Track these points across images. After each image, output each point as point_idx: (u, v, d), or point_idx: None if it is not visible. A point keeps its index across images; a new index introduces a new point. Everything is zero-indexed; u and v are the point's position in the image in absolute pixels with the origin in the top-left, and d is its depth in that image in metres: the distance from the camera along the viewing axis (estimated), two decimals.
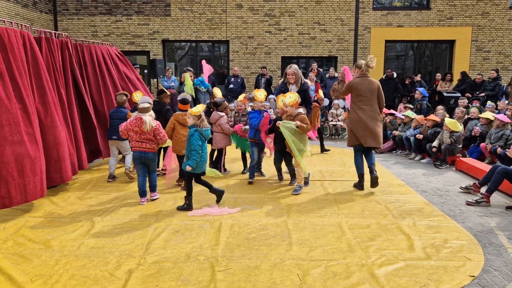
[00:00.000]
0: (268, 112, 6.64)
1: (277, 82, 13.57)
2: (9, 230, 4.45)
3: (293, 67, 6.47)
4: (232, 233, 4.37)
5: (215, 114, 6.81)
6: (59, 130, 5.63)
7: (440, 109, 9.10)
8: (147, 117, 5.30)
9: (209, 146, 6.23)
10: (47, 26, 14.49)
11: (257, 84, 13.40)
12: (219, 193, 5.35)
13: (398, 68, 15.75)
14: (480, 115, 8.44)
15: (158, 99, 6.82)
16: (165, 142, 5.50)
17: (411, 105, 10.98)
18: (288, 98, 5.81)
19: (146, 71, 14.36)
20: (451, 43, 15.14)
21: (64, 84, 6.38)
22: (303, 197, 5.65)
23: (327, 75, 13.44)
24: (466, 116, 8.92)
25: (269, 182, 6.44)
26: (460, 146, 7.88)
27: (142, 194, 5.39)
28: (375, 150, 8.26)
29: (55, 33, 6.41)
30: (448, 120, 7.84)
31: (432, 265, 3.66)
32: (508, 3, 14.64)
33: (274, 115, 6.50)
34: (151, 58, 14.46)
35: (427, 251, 3.93)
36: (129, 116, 6.81)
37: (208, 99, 12.05)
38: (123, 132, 5.43)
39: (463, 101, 10.00)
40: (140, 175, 5.41)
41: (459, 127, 7.77)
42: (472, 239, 4.26)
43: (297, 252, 3.90)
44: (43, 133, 5.36)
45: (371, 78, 6.03)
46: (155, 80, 13.74)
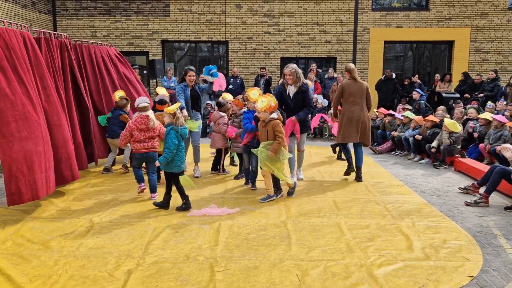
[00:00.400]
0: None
1: (276, 83, 13.59)
2: (8, 231, 4.45)
3: (291, 66, 6.04)
4: (231, 233, 4.37)
5: (216, 113, 6.83)
6: (66, 128, 5.70)
7: (440, 109, 9.12)
8: (151, 114, 5.51)
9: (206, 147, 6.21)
10: (46, 27, 14.49)
11: (256, 85, 13.41)
12: (187, 204, 5.13)
13: (397, 69, 15.77)
14: (479, 116, 8.45)
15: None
16: None
17: (409, 105, 11.00)
18: (260, 103, 5.25)
19: (145, 71, 14.36)
20: (450, 44, 15.16)
21: (64, 85, 6.38)
22: (302, 198, 5.66)
23: (326, 76, 13.46)
24: (465, 117, 8.94)
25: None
26: (459, 146, 7.89)
27: (141, 179, 5.70)
28: (374, 151, 8.28)
29: (54, 34, 6.41)
30: (447, 121, 7.85)
31: (431, 265, 3.66)
32: (507, 4, 14.66)
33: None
34: (150, 59, 14.45)
35: (426, 252, 3.94)
36: (123, 118, 6.85)
37: (207, 100, 12.08)
38: (123, 137, 5.53)
39: (458, 105, 10.01)
40: (136, 167, 5.69)
41: (458, 128, 7.78)
42: (471, 239, 4.27)
43: (296, 253, 3.90)
44: (51, 132, 5.39)
45: (360, 80, 6.55)
46: (155, 80, 13.75)
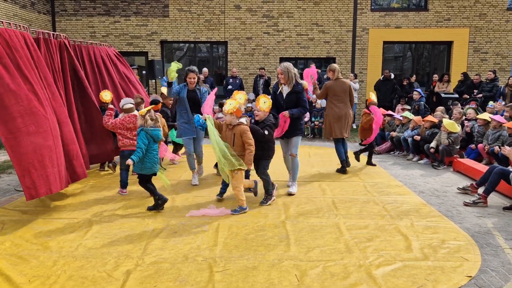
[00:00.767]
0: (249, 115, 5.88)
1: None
2: (7, 231, 4.44)
3: (283, 65, 5.72)
4: (230, 234, 4.38)
5: (217, 114, 6.90)
6: (72, 126, 5.74)
7: (438, 110, 9.13)
8: (138, 113, 5.62)
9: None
10: (45, 27, 14.48)
11: (255, 85, 13.42)
12: (161, 201, 5.12)
13: (396, 69, 15.78)
14: (478, 116, 8.46)
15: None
16: None
17: (408, 106, 11.01)
18: (228, 105, 4.93)
19: (144, 72, 14.36)
20: (448, 44, 15.18)
21: (64, 86, 6.38)
22: (301, 198, 5.66)
23: (325, 76, 13.43)
24: (463, 117, 8.95)
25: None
26: (458, 147, 7.90)
27: (125, 186, 5.91)
28: (372, 149, 8.32)
29: (53, 34, 6.41)
30: (446, 121, 7.86)
31: (430, 265, 3.67)
32: (505, 5, 14.69)
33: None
34: (149, 59, 14.45)
35: (425, 252, 3.94)
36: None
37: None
38: (109, 125, 5.91)
39: (457, 107, 10.01)
40: (124, 170, 5.90)
41: (457, 128, 7.79)
42: (470, 239, 4.28)
43: (295, 253, 3.90)
44: (60, 128, 5.41)
45: (343, 79, 7.05)
46: (154, 81, 13.76)
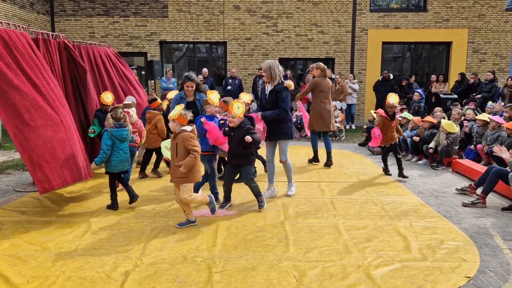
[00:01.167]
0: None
1: None
2: (5, 232, 4.44)
3: (266, 62, 5.40)
4: (229, 234, 4.38)
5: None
6: (75, 125, 5.76)
7: (437, 110, 9.14)
8: (132, 111, 6.06)
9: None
10: (44, 28, 14.48)
11: (254, 86, 13.42)
12: (113, 205, 5.22)
13: (395, 70, 15.80)
14: (476, 117, 8.47)
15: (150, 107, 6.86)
16: (144, 136, 6.48)
17: (404, 106, 11.02)
18: (173, 111, 4.54)
19: (143, 72, 14.36)
20: (447, 45, 15.20)
21: (64, 86, 6.38)
22: (300, 199, 5.66)
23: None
24: (462, 118, 8.96)
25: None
26: (457, 147, 7.91)
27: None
28: (372, 151, 8.28)
29: (52, 35, 6.41)
30: (444, 122, 7.88)
31: (428, 266, 3.67)
32: (504, 5, 14.71)
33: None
34: (148, 60, 14.45)
35: (423, 252, 3.95)
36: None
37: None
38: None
39: (456, 107, 10.02)
40: None
41: (456, 129, 7.80)
42: (468, 240, 4.29)
43: (294, 253, 3.91)
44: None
45: (327, 78, 7.73)
46: (153, 81, 13.76)
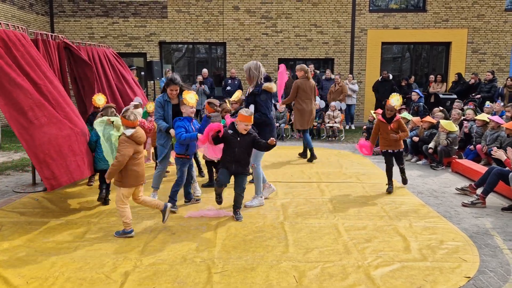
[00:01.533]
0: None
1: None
2: (5, 233, 4.43)
3: (246, 64, 5.41)
4: (229, 235, 4.37)
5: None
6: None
7: (437, 111, 9.14)
8: (137, 112, 5.93)
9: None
10: (44, 28, 14.47)
11: None
12: (103, 194, 5.37)
13: (395, 70, 15.81)
14: (476, 117, 8.48)
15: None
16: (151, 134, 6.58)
17: (405, 106, 11.01)
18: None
19: (142, 73, 14.36)
20: (447, 45, 15.21)
21: (63, 86, 6.38)
22: (299, 199, 5.66)
23: (324, 77, 13.48)
24: (462, 118, 8.97)
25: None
26: (456, 147, 7.91)
27: None
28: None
29: (51, 35, 6.41)
30: (443, 121, 7.89)
31: (428, 266, 3.67)
32: (503, 6, 14.73)
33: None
34: (148, 60, 14.45)
35: (423, 252, 3.94)
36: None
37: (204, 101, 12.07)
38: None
39: (458, 104, 10.04)
40: None
41: (454, 128, 7.81)
42: (468, 240, 4.28)
43: (293, 254, 3.90)
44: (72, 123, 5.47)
45: (310, 79, 8.05)
46: (152, 82, 13.75)
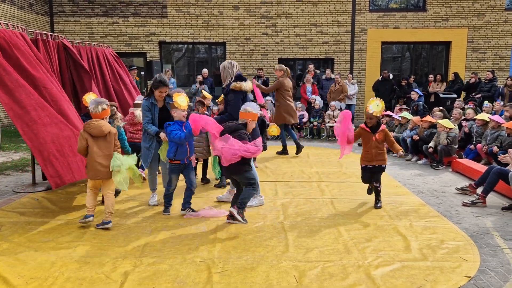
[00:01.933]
0: None
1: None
2: (4, 233, 4.43)
3: (222, 64, 5.46)
4: (229, 234, 4.37)
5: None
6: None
7: (436, 110, 9.13)
8: (137, 111, 6.28)
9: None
10: (43, 28, 14.46)
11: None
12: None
13: (395, 70, 15.80)
14: (476, 117, 8.48)
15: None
16: None
17: (405, 106, 11.02)
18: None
19: (142, 73, 14.36)
20: (447, 45, 15.21)
21: (62, 87, 6.37)
22: (299, 199, 5.65)
23: (324, 77, 13.48)
24: (462, 117, 8.97)
25: (266, 183, 6.43)
26: (456, 146, 7.91)
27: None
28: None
29: (51, 35, 6.40)
30: (441, 121, 7.90)
31: (429, 266, 3.66)
32: (503, 5, 14.72)
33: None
34: (147, 60, 14.45)
35: (424, 252, 3.94)
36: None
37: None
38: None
39: (458, 103, 10.04)
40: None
41: (452, 124, 7.84)
42: (468, 239, 4.28)
43: (293, 254, 3.90)
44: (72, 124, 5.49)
45: (288, 78, 8.61)
46: None
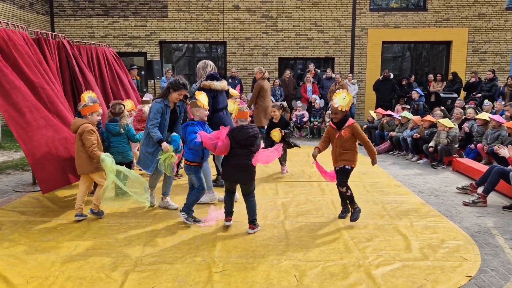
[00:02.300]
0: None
1: (274, 84, 13.60)
2: (5, 232, 4.43)
3: (197, 65, 5.74)
4: (229, 234, 4.36)
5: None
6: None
7: (437, 110, 9.13)
8: (146, 107, 6.44)
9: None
10: (44, 28, 14.46)
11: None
12: None
13: (395, 69, 15.79)
14: (477, 116, 8.47)
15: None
16: None
17: (407, 105, 11.01)
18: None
19: (143, 72, 14.36)
20: (447, 44, 15.19)
21: (62, 86, 6.37)
22: (300, 198, 5.65)
23: (324, 76, 13.47)
24: (463, 117, 8.96)
25: (267, 182, 6.43)
26: (457, 146, 7.90)
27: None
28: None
29: (52, 35, 6.40)
30: (441, 120, 7.90)
31: (429, 265, 3.66)
32: (504, 5, 14.71)
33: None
34: (148, 60, 14.44)
35: (424, 252, 3.93)
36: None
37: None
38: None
39: (459, 103, 10.03)
40: None
41: (451, 123, 7.83)
42: (469, 239, 4.27)
43: (294, 253, 3.89)
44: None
45: (266, 80, 8.91)
46: (153, 81, 13.74)
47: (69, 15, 15.09)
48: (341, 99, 4.42)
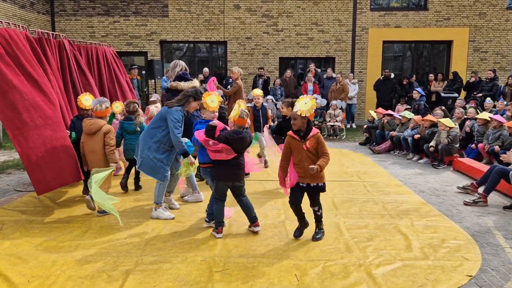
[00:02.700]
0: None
1: (274, 83, 13.60)
2: (6, 231, 4.43)
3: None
4: (230, 233, 4.37)
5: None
6: None
7: (438, 109, 9.12)
8: (151, 107, 6.82)
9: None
10: (45, 27, 14.46)
11: (254, 85, 13.40)
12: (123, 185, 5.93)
13: (396, 69, 15.77)
14: (477, 116, 8.46)
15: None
16: None
17: (407, 105, 11.00)
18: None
19: (143, 72, 14.36)
20: (448, 44, 15.17)
21: (63, 86, 6.37)
22: None
23: (325, 76, 13.47)
24: (464, 116, 8.96)
25: (267, 182, 6.43)
26: (457, 145, 7.90)
27: None
28: (373, 151, 8.23)
29: (52, 34, 6.41)
30: (442, 119, 7.89)
31: (430, 265, 3.66)
32: (505, 4, 14.68)
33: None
34: (148, 59, 14.44)
35: (425, 251, 3.93)
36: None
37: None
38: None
39: (460, 102, 10.02)
40: None
41: (452, 123, 7.83)
42: (470, 239, 4.27)
43: (294, 253, 3.89)
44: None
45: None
46: (153, 81, 13.74)
47: (70, 15, 15.09)
48: (303, 104, 4.01)
